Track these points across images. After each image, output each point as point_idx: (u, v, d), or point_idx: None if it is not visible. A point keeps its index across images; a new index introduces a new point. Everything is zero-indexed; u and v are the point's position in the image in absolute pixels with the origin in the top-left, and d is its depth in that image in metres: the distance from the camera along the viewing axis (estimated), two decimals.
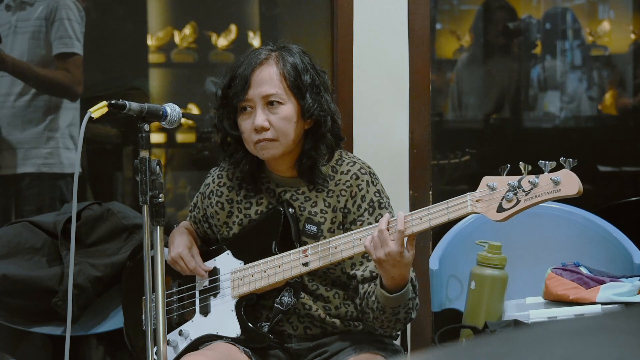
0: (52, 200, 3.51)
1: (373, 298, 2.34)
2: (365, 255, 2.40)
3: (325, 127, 2.44)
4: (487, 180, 2.16)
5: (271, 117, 2.40)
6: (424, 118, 3.31)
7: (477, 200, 2.16)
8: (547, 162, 2.08)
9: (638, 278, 2.65)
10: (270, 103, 2.40)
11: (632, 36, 4.80)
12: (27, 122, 3.60)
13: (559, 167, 2.08)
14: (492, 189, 2.14)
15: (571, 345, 0.93)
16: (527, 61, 4.66)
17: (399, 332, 2.61)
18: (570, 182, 2.06)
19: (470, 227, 2.98)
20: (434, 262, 2.92)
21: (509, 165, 2.14)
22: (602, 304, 2.57)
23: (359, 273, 2.42)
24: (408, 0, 3.27)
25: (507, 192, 2.12)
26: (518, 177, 2.11)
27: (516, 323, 2.59)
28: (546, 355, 0.91)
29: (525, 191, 2.10)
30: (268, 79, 2.40)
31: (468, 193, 2.17)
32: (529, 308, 2.71)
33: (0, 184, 3.68)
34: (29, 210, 3.53)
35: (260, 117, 2.39)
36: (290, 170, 2.50)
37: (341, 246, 2.33)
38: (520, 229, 2.94)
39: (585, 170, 2.08)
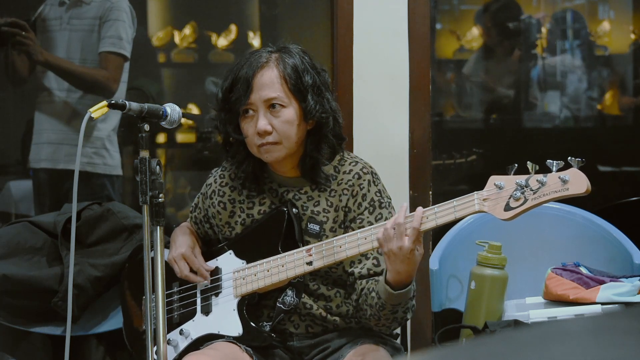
0: (98, 198, 3.42)
1: (373, 294, 2.34)
2: (364, 254, 2.40)
3: (327, 128, 2.45)
4: (494, 179, 2.15)
5: (273, 121, 2.40)
6: (424, 118, 3.31)
7: (484, 199, 2.15)
8: (554, 161, 2.08)
9: (638, 278, 2.65)
10: (272, 107, 2.41)
11: (632, 36, 4.79)
12: (73, 119, 3.56)
13: (566, 166, 2.08)
14: (500, 187, 2.13)
15: (571, 345, 0.93)
16: (528, 61, 4.66)
17: (399, 332, 2.61)
18: (578, 181, 2.06)
19: (470, 227, 2.98)
20: (434, 262, 2.92)
21: (516, 165, 2.13)
22: (602, 304, 2.57)
23: (356, 270, 2.43)
24: (408, 0, 3.27)
25: (514, 191, 2.11)
26: (526, 176, 2.11)
27: (516, 323, 2.58)
28: (546, 355, 0.92)
29: (533, 190, 2.09)
30: (269, 82, 2.40)
31: (475, 192, 2.16)
32: (529, 308, 2.70)
33: (41, 176, 3.64)
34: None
35: (263, 122, 2.40)
36: (293, 171, 2.50)
37: (345, 245, 2.33)
38: (520, 229, 2.94)
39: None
